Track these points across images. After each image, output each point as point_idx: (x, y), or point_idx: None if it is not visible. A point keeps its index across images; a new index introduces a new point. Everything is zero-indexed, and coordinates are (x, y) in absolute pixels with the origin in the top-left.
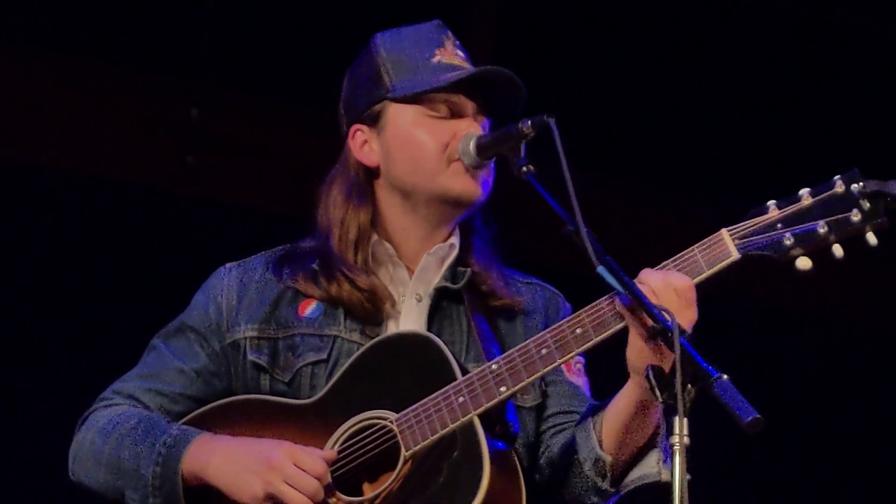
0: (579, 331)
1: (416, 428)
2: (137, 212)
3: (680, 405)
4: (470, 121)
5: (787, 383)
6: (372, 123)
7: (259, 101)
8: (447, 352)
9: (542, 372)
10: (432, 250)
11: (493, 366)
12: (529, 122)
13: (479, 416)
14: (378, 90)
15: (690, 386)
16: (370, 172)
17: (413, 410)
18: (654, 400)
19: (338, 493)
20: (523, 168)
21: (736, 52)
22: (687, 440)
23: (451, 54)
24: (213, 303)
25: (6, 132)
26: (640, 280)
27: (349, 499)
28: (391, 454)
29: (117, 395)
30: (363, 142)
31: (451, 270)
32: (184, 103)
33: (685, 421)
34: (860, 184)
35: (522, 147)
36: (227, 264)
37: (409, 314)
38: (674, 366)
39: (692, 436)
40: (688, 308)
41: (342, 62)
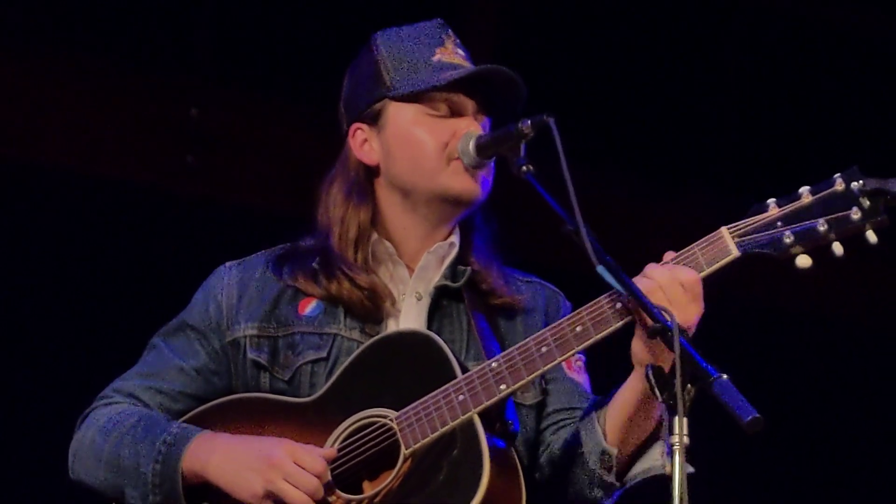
0: (579, 329)
1: (416, 426)
2: (137, 211)
3: (680, 405)
4: (470, 120)
5: (786, 383)
6: (372, 122)
7: (258, 100)
8: (447, 350)
9: (541, 370)
10: (432, 249)
11: (493, 364)
12: (529, 122)
13: (479, 414)
14: (378, 89)
15: (690, 385)
16: (370, 171)
17: (413, 408)
18: None
19: (337, 490)
20: (523, 168)
21: (736, 52)
22: (687, 440)
23: (451, 53)
24: (213, 301)
25: (6, 132)
26: (645, 275)
27: (349, 496)
28: (391, 452)
29: (117, 394)
30: (363, 140)
31: (451, 269)
32: (183, 103)
33: (685, 420)
34: (860, 182)
35: (522, 147)
36: (227, 263)
37: (409, 313)
38: (674, 365)
39: (692, 435)
40: (694, 302)
41: (342, 61)
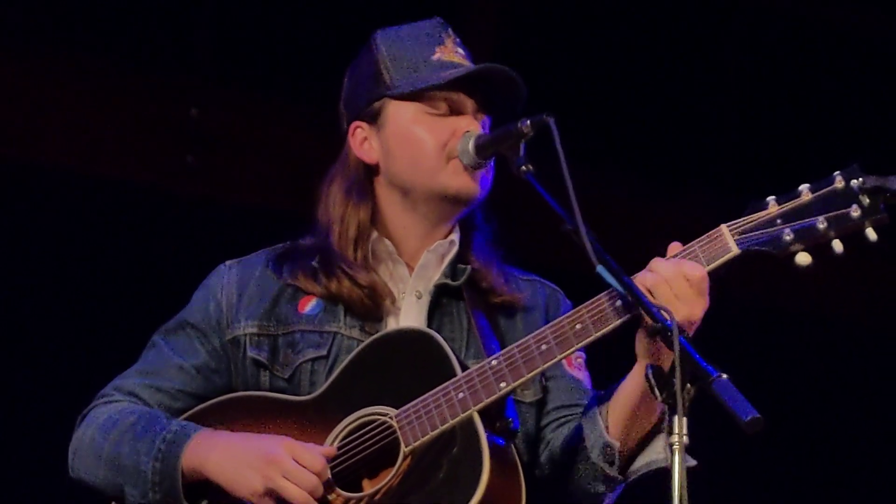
0: (579, 326)
1: (416, 424)
2: (137, 211)
3: (679, 404)
4: (470, 118)
5: (786, 383)
6: (372, 121)
7: (258, 100)
8: (447, 348)
9: (541, 368)
10: (432, 247)
11: (493, 362)
12: (529, 122)
13: (479, 412)
14: (378, 87)
15: (690, 385)
16: (370, 170)
17: (413, 406)
18: None
19: (337, 488)
20: (522, 167)
21: (736, 52)
22: (686, 439)
23: (451, 52)
24: (214, 300)
25: (6, 132)
26: (651, 269)
27: (349, 494)
28: (391, 450)
29: (117, 392)
30: (363, 139)
31: (451, 267)
32: (183, 103)
33: (685, 420)
34: (860, 179)
35: (522, 146)
36: (227, 262)
37: (409, 311)
38: (673, 365)
39: (692, 435)
40: (700, 297)
41: (341, 61)
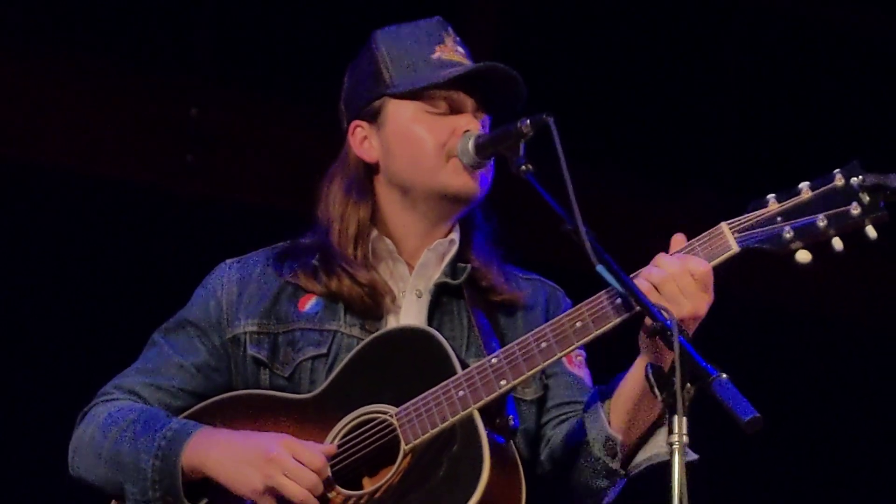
0: (579, 324)
1: (416, 422)
2: (137, 211)
3: (679, 404)
4: (469, 117)
5: (786, 382)
6: (371, 120)
7: (258, 99)
8: (447, 346)
9: (541, 366)
10: (432, 246)
11: (493, 360)
12: (528, 121)
13: (479, 410)
14: (378, 86)
15: (690, 385)
16: (370, 168)
17: (413, 404)
18: None
19: (337, 486)
20: (522, 167)
21: (736, 52)
22: (686, 439)
23: (451, 51)
24: (214, 298)
25: (6, 132)
26: (656, 264)
27: (349, 492)
28: (391, 448)
29: (117, 390)
30: (363, 138)
31: (451, 266)
32: (183, 102)
33: (684, 420)
34: (860, 177)
35: (521, 146)
36: (227, 260)
37: (410, 310)
38: (673, 364)
39: (692, 435)
40: (705, 292)
41: (341, 61)
